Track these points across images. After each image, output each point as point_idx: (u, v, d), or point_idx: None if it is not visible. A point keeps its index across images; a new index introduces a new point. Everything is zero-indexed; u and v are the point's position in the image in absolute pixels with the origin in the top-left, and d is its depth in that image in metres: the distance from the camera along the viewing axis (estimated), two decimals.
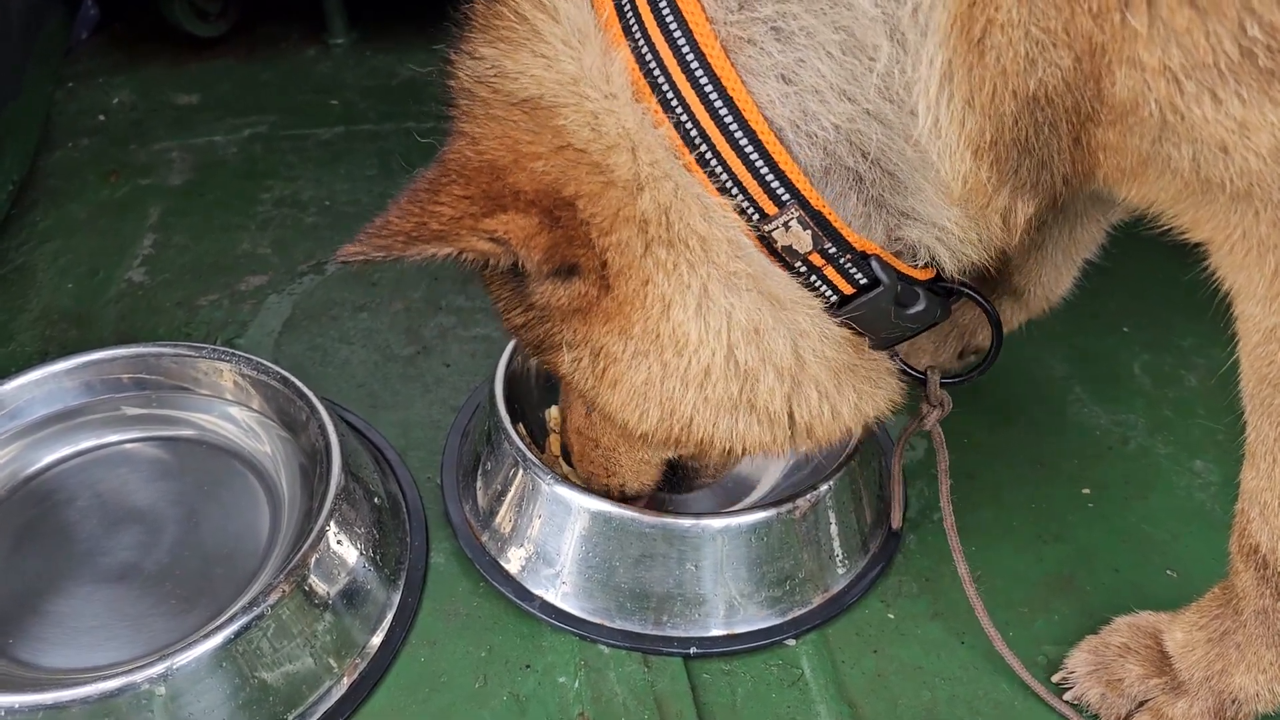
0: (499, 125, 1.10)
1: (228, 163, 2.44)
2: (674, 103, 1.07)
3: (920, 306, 1.20)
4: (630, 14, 1.07)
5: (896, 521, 1.56)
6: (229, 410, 1.65)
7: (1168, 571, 1.58)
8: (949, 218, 1.12)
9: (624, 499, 1.47)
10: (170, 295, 2.06)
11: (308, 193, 2.33)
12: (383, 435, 1.74)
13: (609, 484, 1.46)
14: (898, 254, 1.17)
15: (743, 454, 1.27)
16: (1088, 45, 0.92)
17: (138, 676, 1.24)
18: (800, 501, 1.46)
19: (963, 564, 1.41)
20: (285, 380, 1.58)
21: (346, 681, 1.39)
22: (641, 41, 1.07)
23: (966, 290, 1.29)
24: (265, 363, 1.60)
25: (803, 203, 1.09)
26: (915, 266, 1.19)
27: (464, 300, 2.02)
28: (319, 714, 1.36)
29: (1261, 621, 1.25)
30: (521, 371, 1.66)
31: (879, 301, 1.18)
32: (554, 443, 1.64)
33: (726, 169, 1.08)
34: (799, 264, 1.15)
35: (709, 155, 1.08)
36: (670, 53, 1.05)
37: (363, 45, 2.90)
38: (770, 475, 1.67)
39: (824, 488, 1.48)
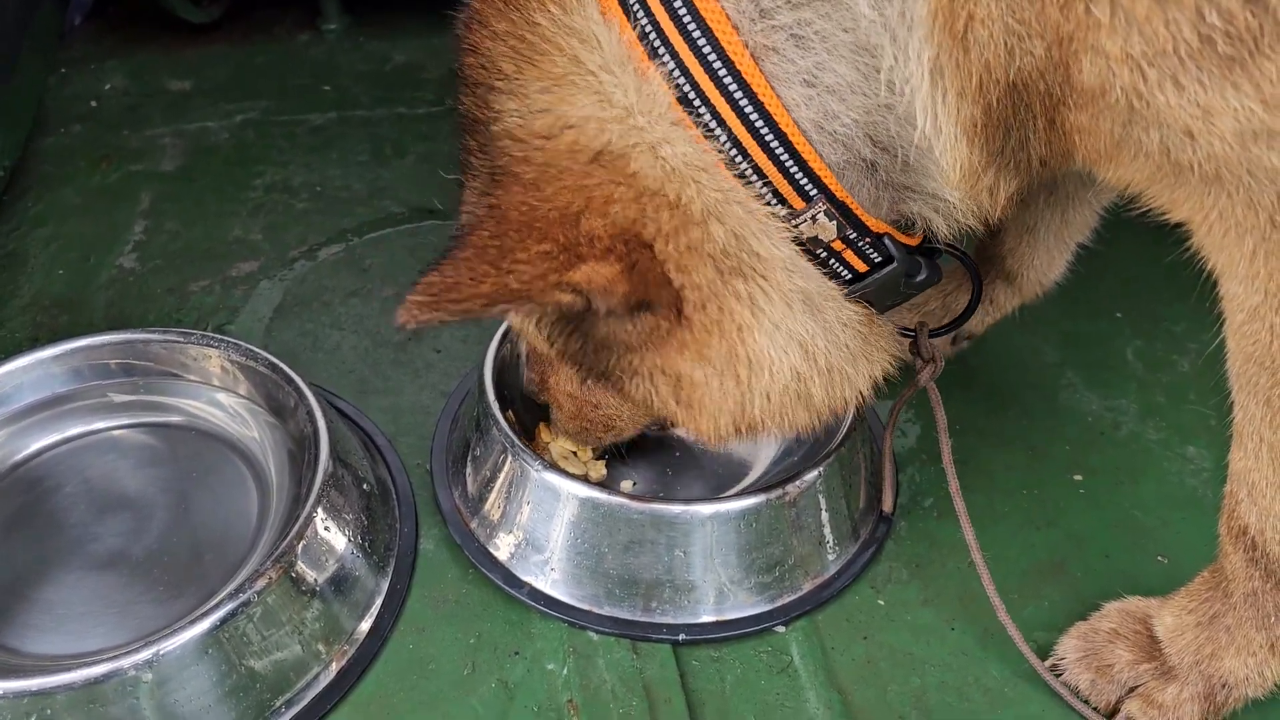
0: (568, 174, 1.07)
1: (220, 149, 2.43)
2: (707, 116, 1.07)
3: (924, 275, 1.26)
4: (650, 30, 1.06)
5: (888, 505, 1.56)
6: (217, 396, 1.64)
7: (1158, 557, 1.58)
8: (951, 195, 1.15)
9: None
10: (162, 281, 2.05)
11: (299, 178, 2.32)
12: (373, 421, 1.73)
13: (603, 438, 1.48)
14: (895, 224, 1.21)
15: (782, 431, 1.30)
16: (1056, 34, 0.94)
17: (124, 663, 1.24)
18: (790, 487, 1.46)
19: (969, 529, 1.41)
20: (273, 366, 1.57)
21: (335, 668, 1.39)
22: (667, 57, 1.06)
23: (949, 249, 1.34)
24: (253, 348, 1.60)
25: (829, 196, 1.13)
26: (910, 234, 1.23)
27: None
28: (307, 701, 1.35)
29: (1251, 604, 1.25)
30: (511, 358, 1.66)
31: (890, 277, 1.23)
32: (544, 430, 1.64)
33: (759, 172, 1.10)
34: (821, 251, 1.18)
35: (743, 164, 1.10)
36: (700, 66, 1.06)
37: (356, 31, 2.88)
38: (761, 460, 1.66)
39: (814, 473, 1.48)
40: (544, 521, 1.47)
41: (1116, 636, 1.37)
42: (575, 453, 1.60)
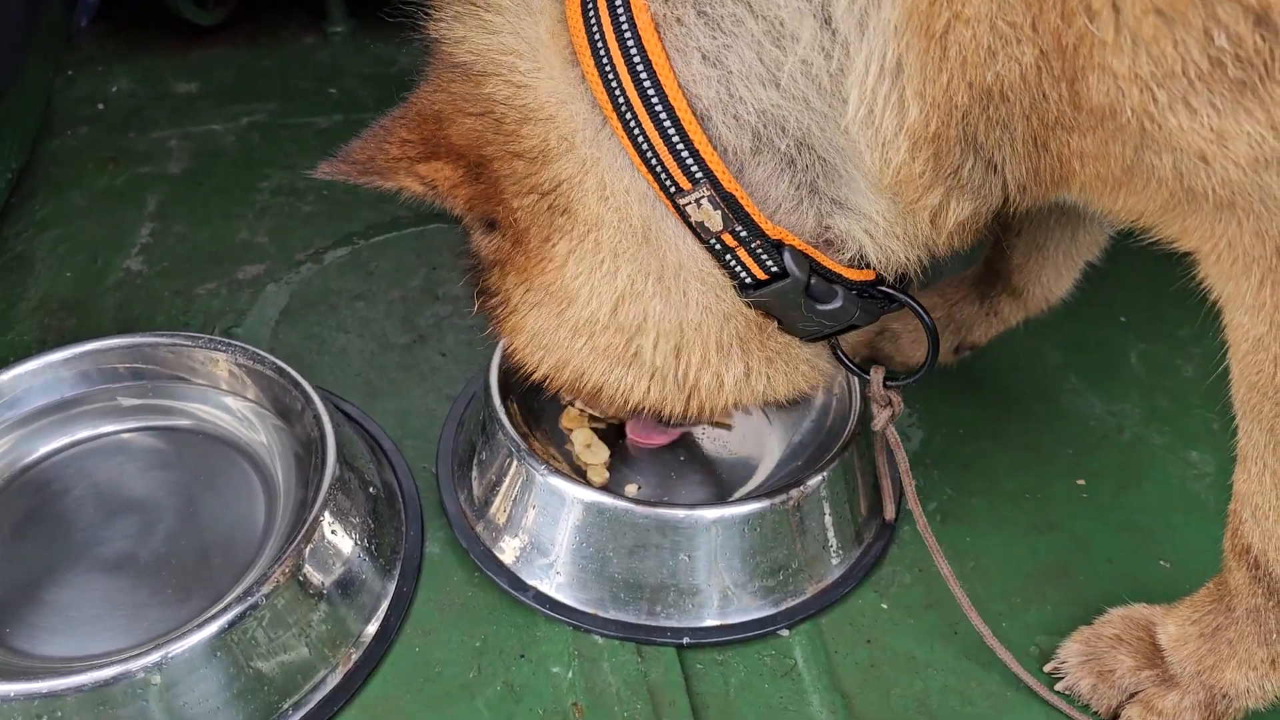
0: (447, 79, 1.19)
1: (226, 151, 2.44)
2: (609, 70, 1.10)
3: (835, 305, 1.23)
4: None
5: (890, 513, 1.56)
6: (225, 400, 1.65)
7: (1161, 562, 1.58)
8: (876, 209, 1.13)
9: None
10: (168, 284, 2.05)
11: (305, 181, 2.32)
12: (379, 424, 1.74)
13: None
14: (827, 243, 1.19)
15: (637, 407, 1.33)
16: (1056, 43, 0.91)
17: (133, 665, 1.25)
18: (794, 492, 1.47)
19: (944, 563, 1.41)
20: (280, 370, 1.58)
21: (341, 671, 1.40)
22: (591, 8, 1.10)
23: (905, 299, 1.28)
24: (260, 352, 1.60)
25: (714, 183, 1.12)
26: (843, 261, 1.20)
27: (460, 289, 2.02)
28: (314, 703, 1.36)
29: (1254, 619, 1.25)
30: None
31: (786, 292, 1.20)
32: (565, 418, 1.68)
33: (647, 140, 1.11)
34: (713, 241, 1.18)
35: (634, 125, 1.11)
36: (610, 21, 1.08)
37: (362, 34, 2.89)
38: (765, 465, 1.66)
39: (818, 479, 1.48)
40: (549, 525, 1.48)
41: (1119, 642, 1.37)
42: (590, 446, 1.63)
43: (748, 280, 1.21)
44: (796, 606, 1.49)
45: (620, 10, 1.07)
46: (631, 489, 1.61)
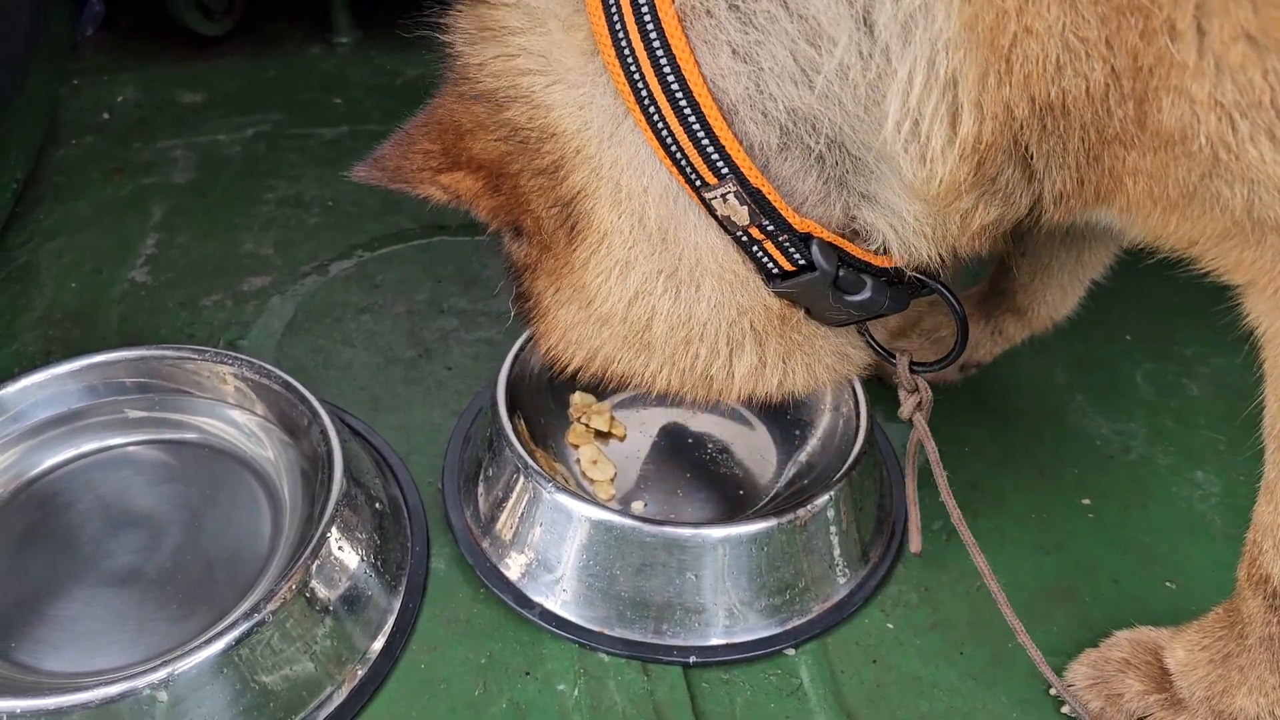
0: (469, 100, 1.21)
1: (231, 162, 2.44)
2: (630, 60, 1.09)
3: (864, 295, 1.21)
4: None
5: (915, 546, 1.53)
6: (231, 414, 1.65)
7: (1167, 583, 1.58)
8: (908, 210, 1.11)
9: None
10: (173, 295, 2.05)
11: (311, 193, 2.33)
12: (384, 439, 1.73)
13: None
14: (854, 233, 1.17)
15: (665, 392, 1.35)
16: (1131, 62, 0.89)
17: (139, 682, 1.24)
18: (801, 511, 1.46)
19: (979, 556, 1.38)
20: (287, 384, 1.57)
21: (347, 687, 1.39)
22: (616, 13, 1.09)
23: (935, 285, 1.26)
24: (267, 366, 1.60)
25: (740, 178, 1.11)
26: (872, 250, 1.19)
27: (466, 303, 2.02)
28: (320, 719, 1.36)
29: (1267, 647, 1.25)
30: (525, 376, 1.66)
31: (814, 284, 1.19)
32: (573, 434, 1.69)
33: (671, 134, 1.10)
34: (740, 234, 1.17)
35: (657, 117, 1.10)
36: (631, 12, 1.07)
37: (367, 44, 2.89)
38: (772, 484, 1.66)
39: (825, 497, 1.48)
40: (556, 543, 1.48)
41: (1127, 666, 1.37)
42: (596, 462, 1.65)
43: (775, 271, 1.20)
44: (803, 626, 1.49)
45: (645, 13, 1.06)
46: (638, 506, 1.61)
